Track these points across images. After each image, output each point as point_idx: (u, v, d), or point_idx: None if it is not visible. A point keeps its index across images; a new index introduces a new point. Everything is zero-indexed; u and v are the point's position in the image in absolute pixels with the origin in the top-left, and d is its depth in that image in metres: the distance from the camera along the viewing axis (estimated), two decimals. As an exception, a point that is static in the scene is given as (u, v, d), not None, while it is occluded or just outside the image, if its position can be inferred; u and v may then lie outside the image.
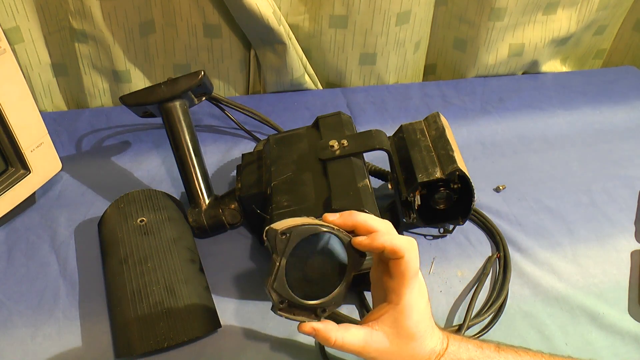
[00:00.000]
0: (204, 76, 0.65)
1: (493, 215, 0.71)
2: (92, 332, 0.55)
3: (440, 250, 0.66)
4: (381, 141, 0.61)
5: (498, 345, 0.46)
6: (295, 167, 0.62)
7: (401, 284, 0.42)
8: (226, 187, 0.75)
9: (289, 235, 0.42)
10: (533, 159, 0.82)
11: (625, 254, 0.66)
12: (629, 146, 0.85)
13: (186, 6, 0.85)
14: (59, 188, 0.73)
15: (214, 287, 0.60)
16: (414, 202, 0.61)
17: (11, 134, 0.61)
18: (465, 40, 1.01)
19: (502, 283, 0.61)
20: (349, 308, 0.59)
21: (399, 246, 0.41)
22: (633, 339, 0.56)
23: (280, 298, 0.42)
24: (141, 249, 0.59)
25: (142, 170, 0.77)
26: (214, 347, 0.54)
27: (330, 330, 0.43)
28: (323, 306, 0.44)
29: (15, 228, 0.67)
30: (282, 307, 0.43)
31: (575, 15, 1.00)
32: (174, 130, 0.65)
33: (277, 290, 0.42)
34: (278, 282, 0.42)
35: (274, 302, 0.42)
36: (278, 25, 0.85)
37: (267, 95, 0.98)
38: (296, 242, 0.42)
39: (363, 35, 0.92)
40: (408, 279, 0.42)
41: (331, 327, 0.43)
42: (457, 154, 0.62)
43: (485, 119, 0.92)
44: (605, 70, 1.10)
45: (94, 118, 0.88)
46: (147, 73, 0.93)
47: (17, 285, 0.60)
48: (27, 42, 0.83)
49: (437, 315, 0.58)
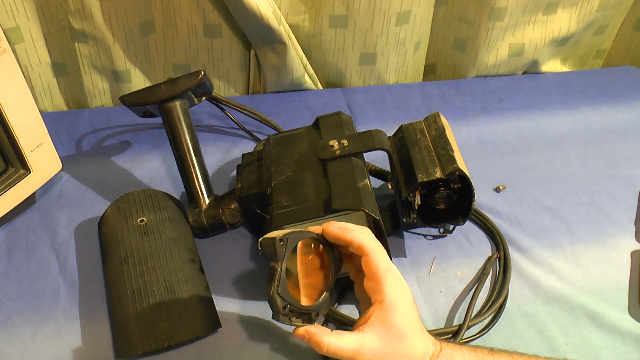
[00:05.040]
0: (204, 76, 0.65)
1: (493, 215, 0.71)
2: (92, 332, 0.55)
3: (440, 250, 0.66)
4: (381, 141, 0.61)
5: (492, 349, 0.47)
6: (295, 167, 0.62)
7: (378, 281, 0.44)
8: (226, 187, 0.75)
9: (286, 240, 0.44)
10: (533, 159, 0.82)
11: (625, 254, 0.66)
12: (629, 146, 0.85)
13: (186, 6, 0.85)
14: (59, 188, 0.73)
15: (214, 287, 0.60)
16: (414, 202, 0.61)
17: (11, 134, 0.61)
18: (465, 40, 1.01)
19: (502, 283, 0.61)
20: (349, 308, 0.59)
21: (363, 244, 0.45)
22: (633, 339, 0.56)
23: (284, 303, 0.43)
24: (141, 249, 0.59)
25: (142, 170, 0.77)
26: (214, 347, 0.54)
27: (323, 335, 0.43)
28: (317, 309, 0.46)
29: (15, 228, 0.67)
30: (285, 312, 0.43)
31: (575, 15, 1.00)
32: (174, 130, 0.65)
33: (282, 295, 0.43)
34: (281, 287, 0.43)
35: (278, 308, 0.43)
36: (278, 25, 0.85)
37: (267, 95, 0.98)
38: (294, 244, 0.44)
39: (363, 35, 0.92)
40: (382, 273, 0.44)
41: (324, 332, 0.43)
42: (457, 154, 0.62)
43: (485, 119, 0.92)
44: (605, 70, 1.10)
45: (94, 118, 0.88)
46: (147, 73, 0.93)
47: (17, 285, 0.60)
48: (27, 42, 0.83)
49: (437, 315, 0.58)
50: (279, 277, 0.43)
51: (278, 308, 0.42)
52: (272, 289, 0.42)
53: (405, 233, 0.68)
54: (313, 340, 0.43)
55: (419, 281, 0.62)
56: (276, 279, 0.43)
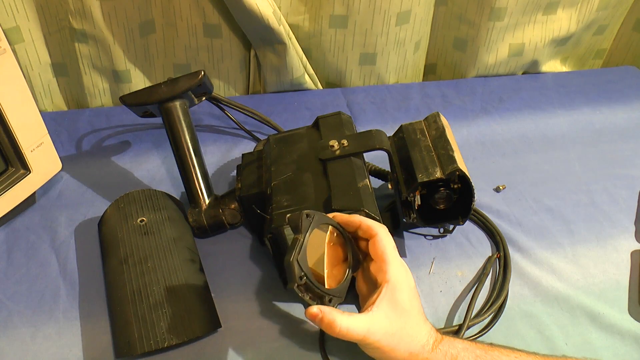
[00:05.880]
0: (204, 76, 0.65)
1: (493, 215, 0.71)
2: (92, 332, 0.55)
3: (440, 250, 0.66)
4: (381, 141, 0.61)
5: (491, 344, 0.48)
6: (295, 167, 0.62)
7: (384, 260, 0.47)
8: (226, 187, 0.75)
9: (312, 216, 0.46)
10: (533, 159, 0.82)
11: (625, 254, 0.66)
12: (629, 146, 0.85)
13: (186, 6, 0.85)
14: (59, 188, 0.73)
15: (214, 287, 0.60)
16: (414, 202, 0.61)
17: (11, 134, 0.61)
18: (465, 40, 1.01)
19: (502, 283, 0.61)
20: (349, 308, 0.59)
21: (372, 225, 0.48)
22: (633, 339, 0.56)
23: (301, 273, 0.43)
24: (141, 249, 0.59)
25: (142, 170, 0.77)
26: (214, 347, 0.54)
27: (335, 315, 0.43)
28: (332, 294, 0.46)
29: (15, 228, 0.67)
30: (300, 283, 0.43)
31: (575, 15, 1.00)
32: (174, 130, 0.65)
33: (300, 263, 0.43)
34: (301, 256, 0.43)
35: (294, 275, 0.43)
36: (278, 25, 0.85)
37: (267, 95, 0.98)
38: (317, 225, 0.46)
39: (363, 35, 0.92)
40: (387, 254, 0.47)
41: (336, 312, 0.43)
42: (457, 154, 0.62)
43: (485, 119, 0.92)
44: (605, 70, 1.10)
45: (94, 118, 0.88)
46: (147, 73, 0.93)
47: (17, 285, 0.60)
48: (27, 42, 0.83)
49: (437, 315, 0.58)
50: (300, 246, 0.43)
51: (295, 276, 0.42)
52: (293, 256, 0.43)
53: (405, 233, 0.68)
54: (326, 319, 0.43)
55: (419, 281, 0.62)
56: (297, 247, 0.43)
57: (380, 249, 0.47)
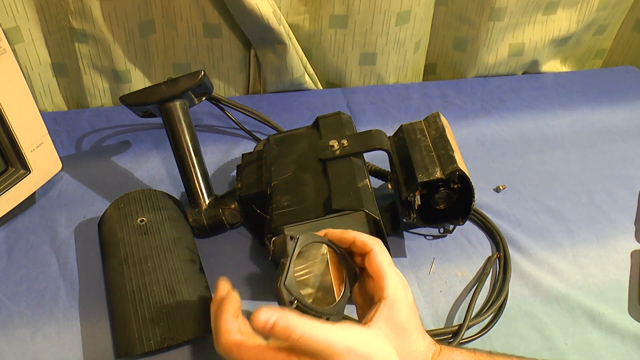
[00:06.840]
0: (204, 76, 0.65)
1: (493, 215, 0.71)
2: (92, 332, 0.55)
3: (440, 251, 0.66)
4: (381, 141, 0.61)
5: (490, 352, 0.47)
6: (295, 167, 0.62)
7: (380, 277, 0.45)
8: (226, 187, 0.75)
9: (297, 239, 0.45)
10: (533, 159, 0.82)
11: (625, 254, 0.66)
12: (629, 146, 0.85)
13: (186, 6, 0.85)
14: (59, 188, 0.73)
15: (214, 287, 0.59)
16: (414, 202, 0.61)
17: (11, 134, 0.61)
18: (465, 40, 1.01)
19: (502, 283, 0.61)
20: (349, 308, 0.59)
21: (366, 240, 0.47)
22: (633, 339, 0.56)
23: (291, 297, 0.42)
24: (141, 249, 0.59)
25: (142, 170, 0.77)
26: (214, 347, 0.54)
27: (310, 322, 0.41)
28: (328, 314, 0.44)
29: (15, 228, 0.67)
30: (292, 308, 0.42)
31: (575, 15, 1.00)
32: (174, 130, 0.65)
33: (288, 288, 0.42)
34: (288, 281, 0.42)
35: (284, 301, 0.42)
36: (278, 25, 0.85)
37: (267, 95, 0.98)
38: (303, 246, 0.45)
39: (363, 35, 0.92)
40: (385, 269, 0.45)
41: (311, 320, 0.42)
42: (457, 154, 0.62)
43: (485, 119, 0.92)
44: (605, 70, 1.10)
45: (94, 118, 0.88)
46: (147, 73, 0.93)
47: (17, 285, 0.60)
48: (27, 42, 0.83)
49: (437, 315, 0.58)
50: (286, 271, 0.43)
51: (285, 302, 0.42)
52: (280, 281, 0.42)
53: (405, 233, 0.68)
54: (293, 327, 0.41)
55: (419, 281, 0.62)
56: (284, 273, 0.42)
57: (377, 266, 0.45)
